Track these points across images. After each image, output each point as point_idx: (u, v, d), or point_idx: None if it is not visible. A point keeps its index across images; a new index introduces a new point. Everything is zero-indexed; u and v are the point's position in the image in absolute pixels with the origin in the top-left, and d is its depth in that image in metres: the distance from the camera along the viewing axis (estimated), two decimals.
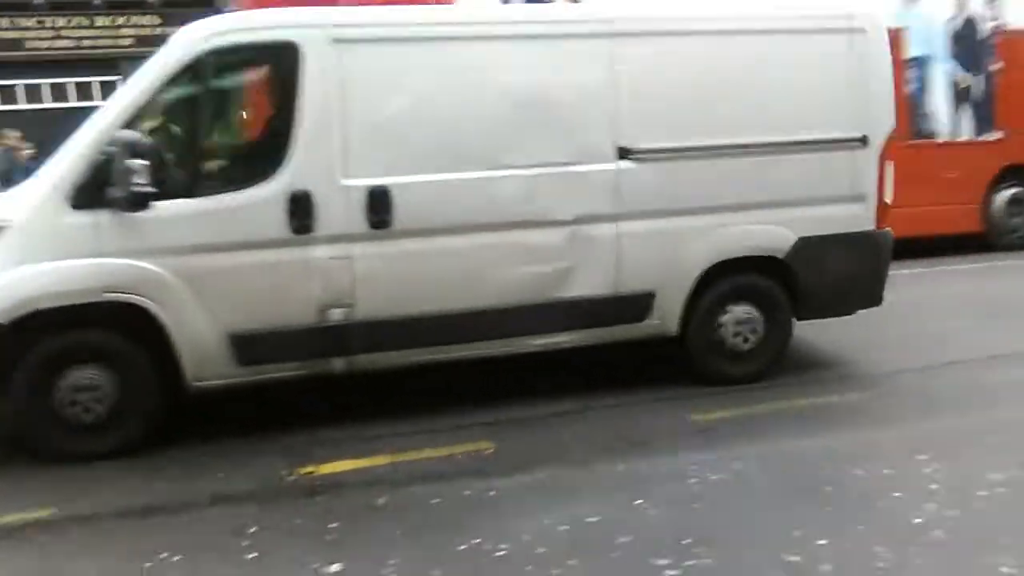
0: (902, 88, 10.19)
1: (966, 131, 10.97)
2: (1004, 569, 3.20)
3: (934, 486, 3.92)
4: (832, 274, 5.59)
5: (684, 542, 3.45)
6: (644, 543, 3.47)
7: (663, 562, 3.31)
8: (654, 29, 5.31)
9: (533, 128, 5.04)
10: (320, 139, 4.69)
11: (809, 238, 5.50)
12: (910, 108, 10.53)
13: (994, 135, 10.98)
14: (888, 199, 5.70)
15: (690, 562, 3.31)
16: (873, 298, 5.81)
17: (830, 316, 5.91)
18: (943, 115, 10.91)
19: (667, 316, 5.38)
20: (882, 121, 5.65)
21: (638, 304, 5.32)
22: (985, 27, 10.99)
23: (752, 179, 5.41)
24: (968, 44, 10.98)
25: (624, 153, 5.15)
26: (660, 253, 5.28)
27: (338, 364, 4.91)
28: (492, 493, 4.05)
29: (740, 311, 5.51)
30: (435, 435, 4.82)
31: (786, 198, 5.48)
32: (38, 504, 4.06)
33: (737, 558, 3.36)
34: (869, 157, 5.62)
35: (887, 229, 5.75)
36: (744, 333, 5.52)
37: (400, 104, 4.86)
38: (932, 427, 4.73)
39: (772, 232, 5.48)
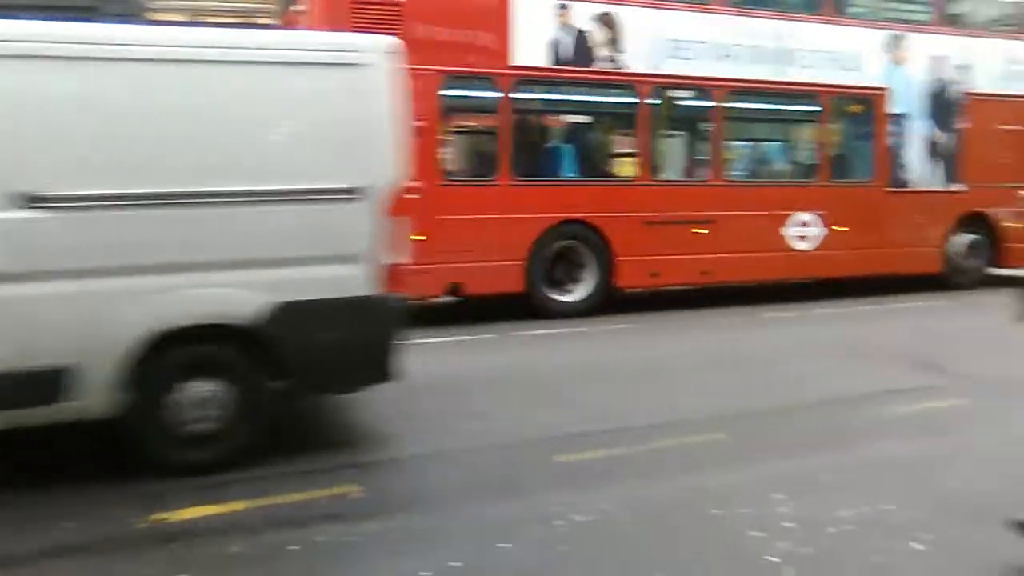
0: (885, 142, 11.92)
1: (936, 182, 12.31)
2: None
3: (789, 524, 4.03)
4: (319, 345, 4.83)
5: None
6: None
7: None
8: (74, 53, 4.41)
9: None
10: None
11: (288, 303, 4.73)
12: (891, 159, 11.92)
13: (957, 186, 12.33)
14: (400, 259, 5.04)
15: None
16: (380, 372, 5.05)
17: (332, 392, 5.49)
18: (917, 166, 12.17)
19: (95, 396, 4.45)
20: (383, 171, 4.94)
21: (47, 382, 4.35)
22: (954, 90, 12.39)
23: (208, 235, 4.64)
24: (940, 104, 12.34)
25: (30, 200, 4.25)
26: (79, 321, 4.38)
27: None
28: (352, 539, 3.93)
29: (198, 389, 4.64)
30: (302, 477, 4.67)
31: (255, 257, 4.73)
32: None
33: None
34: (364, 212, 4.90)
35: (396, 293, 5.03)
36: (206, 414, 4.65)
37: None
38: (788, 467, 4.88)
39: (231, 297, 4.68)
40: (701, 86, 10.98)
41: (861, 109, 12.06)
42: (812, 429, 5.65)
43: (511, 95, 9.80)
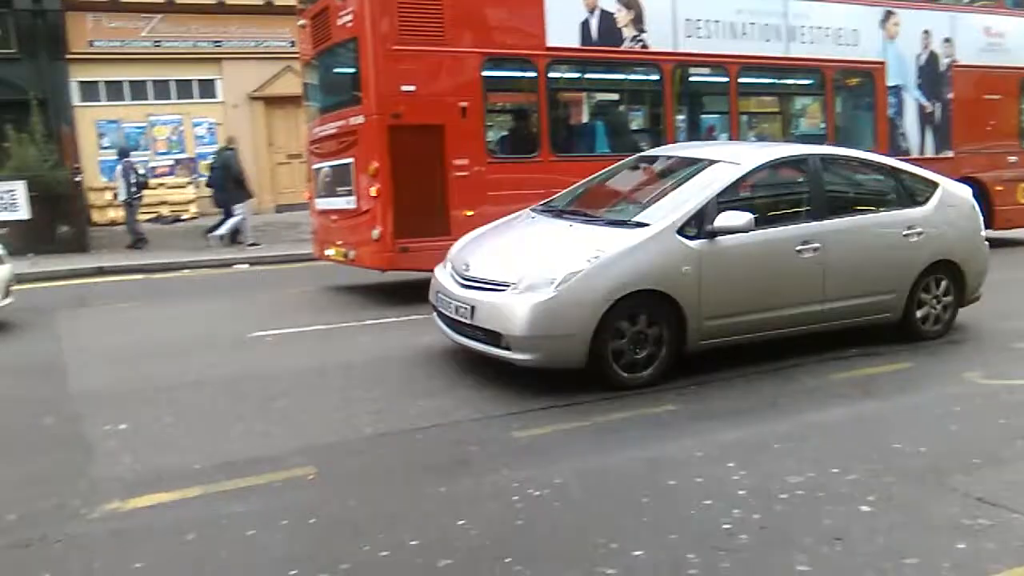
0: (886, 113, 12.71)
1: (928, 150, 13.12)
2: (800, 568, 3.40)
3: (741, 492, 4.12)
4: None
5: (505, 561, 3.45)
6: (465, 565, 3.45)
7: None
8: None
9: None
10: None
11: None
12: (891, 129, 12.74)
13: (947, 153, 13.22)
14: None
15: None
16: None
17: None
18: (913, 135, 13.05)
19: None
20: None
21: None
22: (942, 62, 13.25)
23: None
24: (930, 76, 13.22)
25: None
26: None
27: None
28: (312, 520, 3.91)
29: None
30: (253, 464, 4.62)
31: None
32: None
33: (557, 574, 3.40)
34: None
35: None
36: None
37: None
38: (739, 435, 4.98)
39: None
40: (719, 63, 11.50)
41: (862, 82, 12.71)
42: (762, 395, 5.76)
43: (547, 75, 10.28)
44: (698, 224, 6.05)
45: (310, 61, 11.47)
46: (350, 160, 9.82)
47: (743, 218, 6.02)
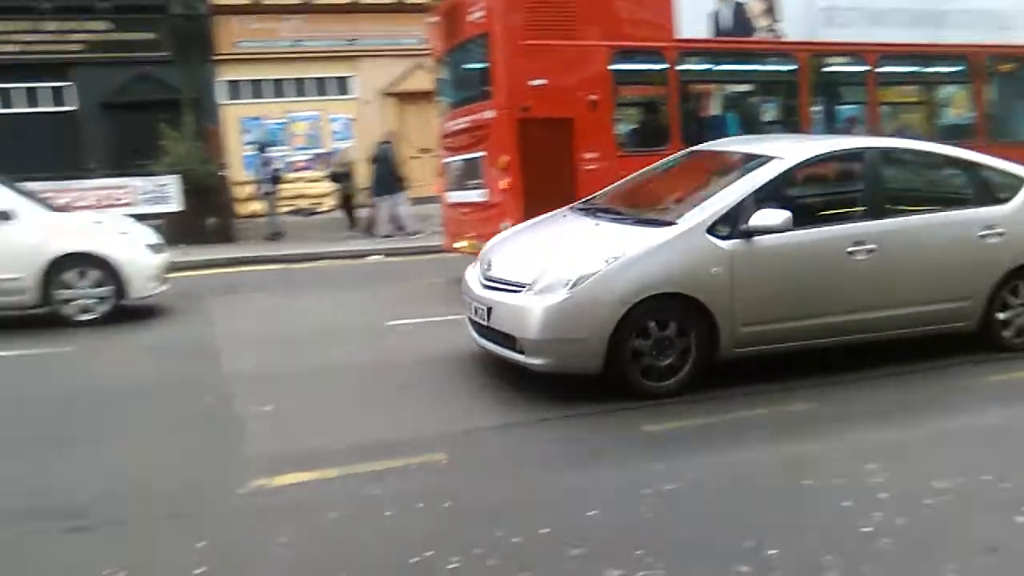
0: None
1: None
2: None
3: (883, 495, 3.97)
4: None
5: (637, 553, 3.45)
6: (596, 554, 3.47)
7: (615, 573, 3.30)
8: None
9: None
10: None
11: None
12: None
13: None
14: None
15: (642, 572, 3.30)
16: None
17: None
18: None
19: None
20: None
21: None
22: None
23: None
24: None
25: None
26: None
27: None
28: (446, 505, 4.01)
29: None
30: (389, 448, 4.77)
31: None
32: None
33: (688, 568, 3.37)
34: None
35: None
36: None
37: None
38: (881, 436, 4.80)
39: None
40: (857, 52, 11.03)
41: (1018, 67, 11.86)
42: (900, 398, 5.53)
43: (677, 67, 10.15)
44: (732, 223, 5.59)
45: (441, 57, 11.69)
46: (481, 154, 9.97)
47: (779, 217, 5.52)
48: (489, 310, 5.77)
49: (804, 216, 5.87)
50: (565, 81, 9.64)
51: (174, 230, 13.78)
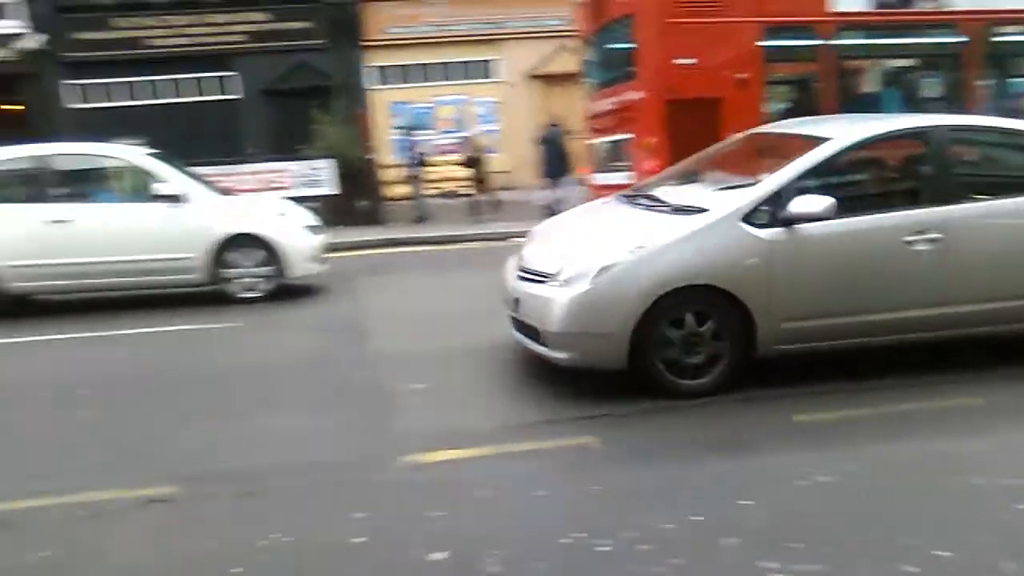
0: None
1: None
2: None
3: None
4: None
5: (793, 546, 3.36)
6: (751, 545, 3.40)
7: (771, 565, 3.23)
8: None
9: None
10: None
11: None
12: None
13: None
14: None
15: (799, 566, 3.22)
16: None
17: None
18: None
19: None
20: None
21: None
22: None
23: None
24: None
25: None
26: None
27: None
28: (597, 488, 4.03)
29: None
30: (538, 428, 4.84)
31: None
32: None
33: (850, 566, 3.25)
34: None
35: None
36: None
37: None
38: None
39: None
40: None
41: None
42: None
43: (831, 41, 9.86)
44: (772, 210, 5.21)
45: (587, 38, 11.65)
46: (627, 136, 9.90)
47: (821, 203, 5.11)
48: (517, 301, 5.64)
49: (856, 202, 5.53)
50: (713, 60, 9.46)
51: (328, 212, 14.32)
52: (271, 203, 10.35)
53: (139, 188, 9.32)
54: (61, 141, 10.81)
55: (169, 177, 9.14)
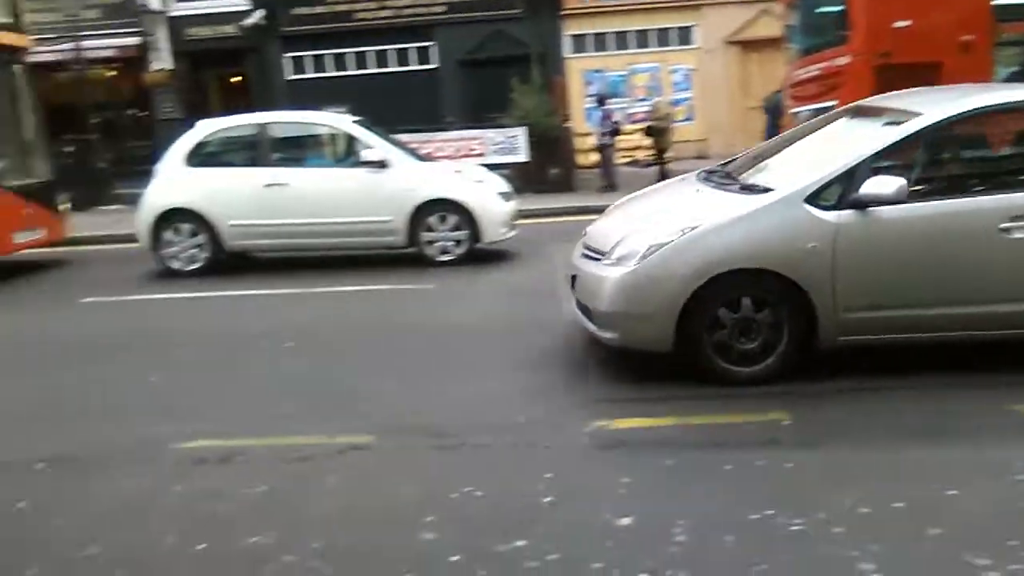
0: None
1: None
2: None
3: None
4: None
5: (1010, 543, 3.13)
6: (959, 538, 3.20)
7: (982, 562, 3.02)
8: None
9: None
10: None
11: None
12: None
13: None
14: None
15: (1017, 566, 2.99)
16: None
17: None
18: None
19: None
20: None
21: None
22: None
23: None
24: None
25: None
26: None
27: None
28: (788, 465, 3.92)
29: None
30: (724, 401, 4.75)
31: None
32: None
33: None
34: None
35: None
36: None
37: None
38: None
39: None
40: None
41: None
42: None
43: None
44: (843, 191, 4.82)
45: (792, 2, 11.13)
46: (832, 103, 9.39)
47: (892, 185, 4.69)
48: (574, 278, 5.55)
49: (945, 184, 5.19)
50: (932, 20, 8.77)
51: (520, 179, 14.57)
52: (469, 169, 10.65)
53: (347, 154, 9.88)
54: (278, 110, 11.59)
55: (374, 143, 9.60)
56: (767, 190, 5.12)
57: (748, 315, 4.93)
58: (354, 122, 10.11)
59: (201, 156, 9.79)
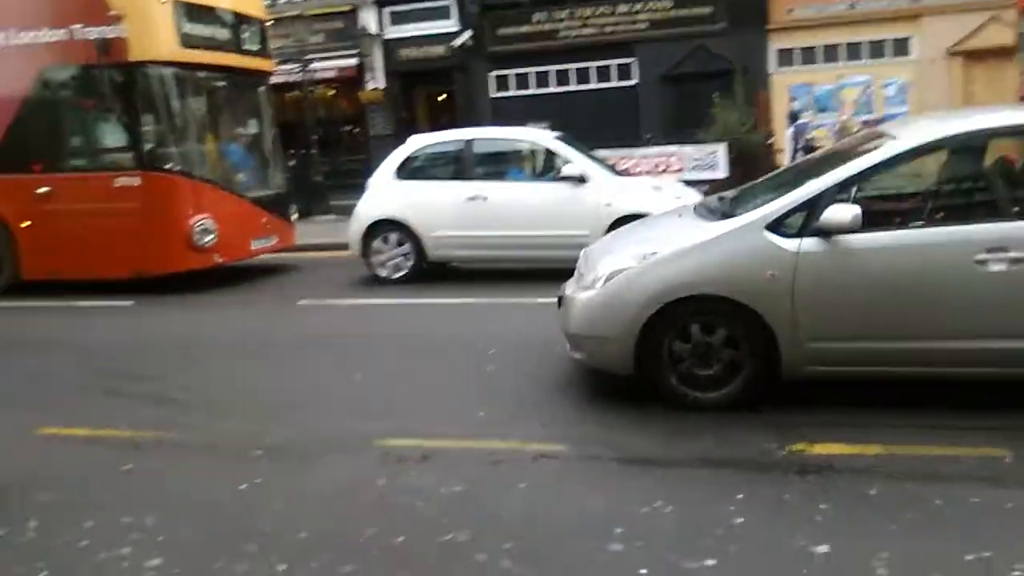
0: None
1: None
2: None
3: None
4: None
5: None
6: None
7: None
8: None
9: None
10: None
11: None
12: None
13: None
14: None
15: None
16: None
17: None
18: None
19: None
20: None
21: None
22: None
23: None
24: None
25: None
26: None
27: None
28: (1009, 505, 3.62)
29: None
30: (935, 432, 4.46)
31: None
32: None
33: None
34: None
35: None
36: None
37: None
38: None
39: None
40: None
41: None
42: None
43: None
44: (805, 219, 4.72)
45: None
46: None
47: (847, 213, 4.56)
48: (560, 299, 5.65)
49: (916, 213, 5.02)
50: None
51: None
52: (668, 185, 10.57)
53: (547, 169, 10.08)
54: (483, 127, 12.00)
55: (574, 159, 9.74)
56: (732, 216, 5.11)
57: (707, 341, 4.93)
58: (555, 138, 10.30)
59: (410, 170, 10.31)
